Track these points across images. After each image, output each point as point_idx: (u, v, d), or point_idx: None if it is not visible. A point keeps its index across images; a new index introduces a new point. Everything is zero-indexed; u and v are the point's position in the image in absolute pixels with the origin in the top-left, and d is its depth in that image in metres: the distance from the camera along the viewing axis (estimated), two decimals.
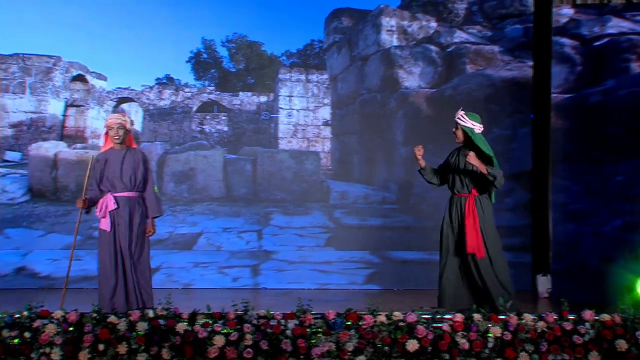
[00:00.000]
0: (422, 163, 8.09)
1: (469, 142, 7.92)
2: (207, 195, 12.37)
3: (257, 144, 12.64)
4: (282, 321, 6.58)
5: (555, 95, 11.13)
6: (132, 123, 8.38)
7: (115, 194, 8.14)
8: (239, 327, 6.51)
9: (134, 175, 8.18)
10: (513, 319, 6.60)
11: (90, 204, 8.29)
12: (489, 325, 6.58)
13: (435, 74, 12.26)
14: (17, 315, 6.61)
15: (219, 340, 6.42)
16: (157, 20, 12.24)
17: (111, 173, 8.12)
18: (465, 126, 7.90)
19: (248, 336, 6.45)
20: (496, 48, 12.22)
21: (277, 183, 12.40)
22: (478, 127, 7.91)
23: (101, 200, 8.15)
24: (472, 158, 7.72)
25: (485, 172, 7.73)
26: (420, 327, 6.50)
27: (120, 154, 8.20)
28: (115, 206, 8.09)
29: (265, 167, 12.47)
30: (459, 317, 6.62)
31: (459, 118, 7.93)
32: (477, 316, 6.62)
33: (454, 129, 8.03)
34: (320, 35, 12.71)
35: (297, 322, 6.57)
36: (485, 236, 7.84)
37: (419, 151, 8.01)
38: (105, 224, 8.13)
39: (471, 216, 7.84)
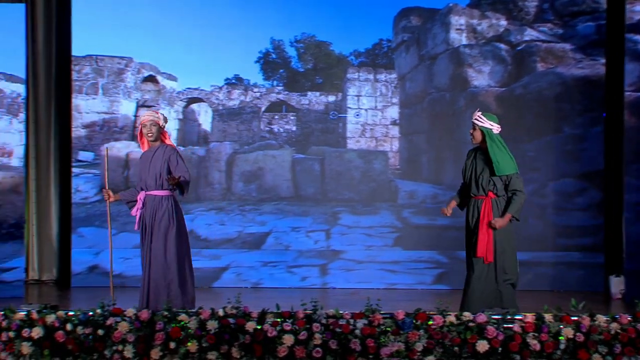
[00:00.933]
0: (450, 211, 8.06)
1: (486, 143, 7.85)
2: (275, 194, 12.43)
3: (325, 143, 12.65)
4: (351, 321, 6.58)
5: (629, 93, 10.96)
6: (165, 120, 8.38)
7: (147, 193, 8.20)
8: (308, 326, 6.53)
9: (160, 172, 8.19)
10: (585, 320, 6.51)
11: (128, 200, 8.35)
12: (561, 326, 6.50)
13: (505, 73, 12.13)
14: (90, 313, 6.72)
15: (288, 340, 6.44)
16: (226, 21, 12.33)
17: (144, 171, 8.17)
18: (483, 127, 7.83)
19: (317, 335, 6.46)
20: (568, 46, 12.06)
21: (345, 182, 12.40)
22: (496, 128, 7.86)
23: (138, 199, 8.24)
24: (497, 224, 7.70)
25: (509, 218, 7.73)
26: (490, 328, 6.44)
27: (152, 151, 8.25)
28: (142, 206, 8.15)
29: (333, 167, 12.48)
30: (530, 317, 6.55)
31: (476, 119, 7.87)
32: (548, 317, 6.55)
33: (471, 131, 7.96)
34: (388, 35, 12.67)
35: (366, 321, 6.56)
36: (498, 242, 7.73)
37: (448, 212, 8.01)
38: (136, 224, 8.25)
39: (485, 220, 7.74)
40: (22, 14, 11.22)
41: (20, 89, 11.19)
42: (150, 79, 12.65)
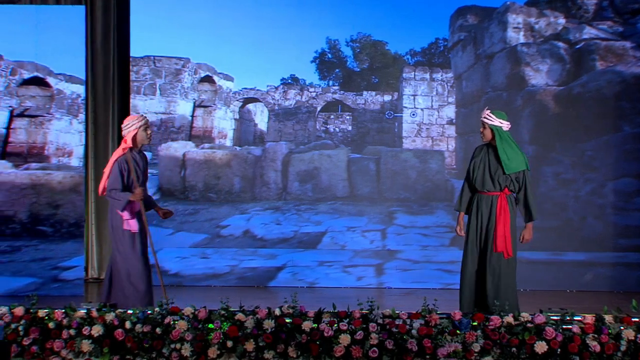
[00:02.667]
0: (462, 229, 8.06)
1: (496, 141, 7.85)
2: (331, 194, 12.44)
3: (381, 143, 12.64)
4: (408, 321, 6.56)
5: None
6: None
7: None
8: (364, 326, 6.52)
9: (146, 176, 8.36)
10: None
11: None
12: (622, 327, 6.41)
13: (563, 72, 12.00)
14: (149, 312, 6.79)
15: (345, 339, 6.44)
16: (282, 22, 12.37)
17: (135, 174, 8.17)
18: (493, 125, 7.79)
19: (373, 335, 6.46)
20: (628, 44, 11.89)
21: (401, 182, 12.37)
22: (506, 125, 7.83)
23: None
24: (528, 238, 7.79)
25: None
26: (549, 329, 6.39)
27: (139, 155, 8.32)
28: (139, 207, 8.18)
29: (389, 167, 12.46)
30: (589, 318, 6.48)
31: (485, 117, 7.84)
32: (608, 318, 6.46)
33: (481, 129, 7.92)
34: (444, 34, 12.62)
35: (422, 321, 6.54)
36: (513, 237, 7.74)
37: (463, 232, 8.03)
38: (133, 225, 8.13)
39: (502, 216, 7.70)
40: (82, 15, 11.36)
41: (80, 90, 11.35)
42: (207, 79, 12.74)
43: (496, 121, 7.82)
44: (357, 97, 12.90)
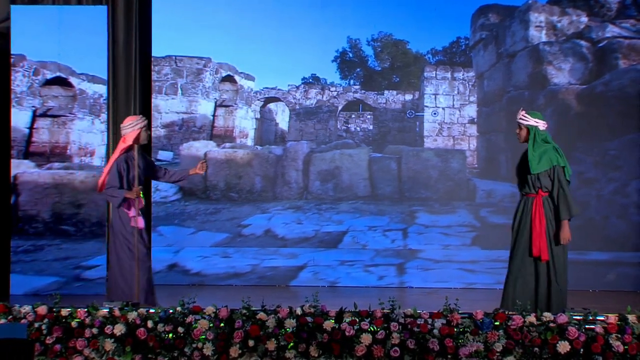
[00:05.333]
0: None
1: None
2: (352, 193, 12.43)
3: (402, 142, 12.62)
4: (429, 320, 6.55)
5: None
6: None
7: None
8: (385, 325, 6.52)
9: (148, 172, 8.55)
10: None
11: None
12: None
13: (585, 70, 11.94)
14: (170, 311, 6.82)
15: (366, 339, 6.44)
16: (303, 21, 12.38)
17: (135, 171, 8.26)
18: (529, 125, 7.76)
19: (395, 335, 6.45)
20: None
21: (423, 181, 12.35)
22: (542, 124, 7.81)
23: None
24: (564, 238, 7.65)
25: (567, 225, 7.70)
26: (571, 329, 6.35)
27: (139, 155, 8.41)
28: (144, 204, 8.29)
29: (410, 166, 12.44)
30: (612, 318, 6.44)
31: (520, 118, 7.82)
32: (632, 318, 6.42)
33: (517, 130, 7.94)
34: (466, 33, 12.59)
35: (444, 321, 6.53)
36: (551, 239, 7.61)
37: None
38: (140, 222, 8.30)
39: (537, 218, 7.63)
40: (104, 15, 11.41)
41: (102, 89, 11.39)
42: (228, 78, 12.77)
43: (531, 121, 7.81)
44: (378, 96, 12.89)
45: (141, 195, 8.33)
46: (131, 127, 8.29)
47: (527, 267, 7.72)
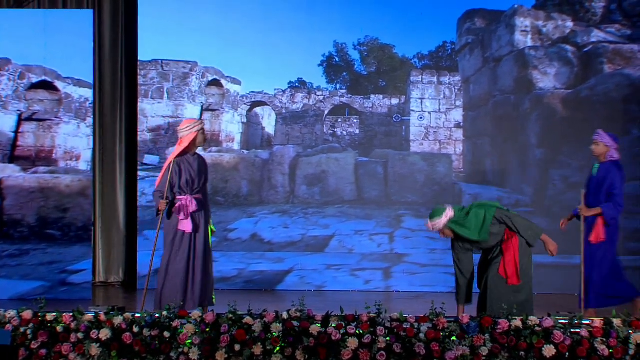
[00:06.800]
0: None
1: None
2: (338, 197, 12.44)
3: (388, 146, 12.63)
4: (415, 324, 6.56)
5: None
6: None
7: (194, 196, 8.27)
8: (372, 329, 6.52)
9: (205, 178, 8.45)
10: None
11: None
12: (630, 331, 6.40)
13: (571, 75, 11.99)
14: (156, 315, 6.80)
15: (353, 343, 6.44)
16: (289, 25, 12.38)
17: (189, 176, 8.25)
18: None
19: (381, 339, 6.45)
20: (636, 47, 11.88)
21: (409, 186, 12.36)
22: (445, 216, 7.66)
23: (181, 203, 8.27)
24: (552, 251, 7.67)
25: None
26: (557, 332, 6.38)
27: (194, 157, 8.37)
28: (197, 208, 8.24)
29: (396, 170, 12.45)
30: (598, 322, 6.46)
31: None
32: (617, 322, 6.45)
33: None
34: (452, 37, 12.62)
35: (430, 325, 6.54)
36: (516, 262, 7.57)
37: None
38: (187, 226, 8.26)
39: (512, 250, 7.57)
40: (90, 19, 11.39)
41: (88, 93, 11.36)
42: (215, 82, 12.75)
43: (442, 218, 7.73)
44: (365, 100, 12.90)
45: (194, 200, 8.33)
46: (188, 129, 8.29)
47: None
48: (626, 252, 11.57)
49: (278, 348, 6.49)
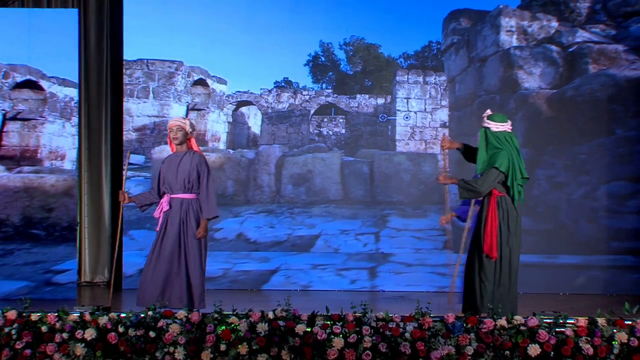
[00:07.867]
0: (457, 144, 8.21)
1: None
2: (324, 197, 12.44)
3: (374, 146, 12.65)
4: (401, 324, 6.56)
5: None
6: (192, 127, 8.46)
7: (172, 196, 8.27)
8: (357, 329, 6.52)
9: (188, 177, 8.28)
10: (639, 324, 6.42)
11: (143, 203, 8.50)
12: (614, 330, 6.42)
13: (556, 75, 12.03)
14: (142, 315, 6.78)
15: (338, 342, 6.44)
16: (275, 25, 12.37)
17: (169, 175, 8.25)
18: (481, 127, 7.82)
19: (367, 338, 6.45)
20: (620, 47, 11.93)
21: (395, 185, 12.38)
22: (493, 126, 7.74)
23: (161, 202, 8.33)
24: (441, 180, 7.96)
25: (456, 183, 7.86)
26: (542, 332, 6.38)
27: (179, 156, 8.36)
28: (168, 207, 8.23)
29: (382, 170, 12.47)
30: (582, 321, 6.48)
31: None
32: (601, 321, 6.47)
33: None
34: (438, 37, 12.63)
35: (415, 324, 6.54)
36: (503, 238, 7.60)
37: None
38: (159, 225, 8.30)
39: (490, 217, 7.61)
40: (75, 18, 11.35)
41: (73, 93, 11.32)
42: (200, 82, 12.74)
43: (485, 123, 7.80)
44: (351, 100, 12.91)
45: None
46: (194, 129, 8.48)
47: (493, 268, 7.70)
48: (610, 251, 11.64)
49: (263, 348, 6.48)
